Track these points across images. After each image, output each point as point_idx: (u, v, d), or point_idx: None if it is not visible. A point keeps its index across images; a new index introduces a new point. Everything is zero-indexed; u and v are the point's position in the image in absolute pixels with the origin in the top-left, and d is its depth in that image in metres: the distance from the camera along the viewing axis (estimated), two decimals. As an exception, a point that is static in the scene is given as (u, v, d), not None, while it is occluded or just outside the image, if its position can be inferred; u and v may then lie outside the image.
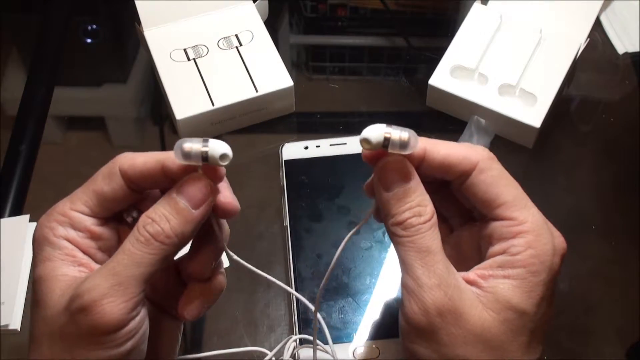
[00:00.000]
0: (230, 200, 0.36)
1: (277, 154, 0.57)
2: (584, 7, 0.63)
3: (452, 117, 0.61)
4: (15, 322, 0.49)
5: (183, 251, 0.38)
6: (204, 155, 0.34)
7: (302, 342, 0.47)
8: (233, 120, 0.59)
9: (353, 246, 0.52)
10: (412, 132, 0.34)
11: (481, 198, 0.36)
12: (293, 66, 0.69)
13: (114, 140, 0.64)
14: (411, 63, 0.68)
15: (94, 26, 0.71)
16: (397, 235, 0.35)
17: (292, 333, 0.48)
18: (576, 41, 0.61)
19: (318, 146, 0.57)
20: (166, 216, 0.34)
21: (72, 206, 0.36)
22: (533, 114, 0.57)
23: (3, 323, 0.49)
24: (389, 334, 0.48)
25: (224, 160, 0.34)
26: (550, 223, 0.36)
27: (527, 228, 0.34)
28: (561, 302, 0.51)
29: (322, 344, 0.45)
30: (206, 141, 0.34)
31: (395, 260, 0.51)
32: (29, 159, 0.60)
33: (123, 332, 0.33)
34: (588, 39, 0.63)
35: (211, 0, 0.64)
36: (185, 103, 0.57)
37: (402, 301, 0.35)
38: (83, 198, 0.36)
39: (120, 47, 0.73)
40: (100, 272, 0.34)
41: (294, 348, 0.46)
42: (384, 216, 0.36)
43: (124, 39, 0.72)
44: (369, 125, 0.34)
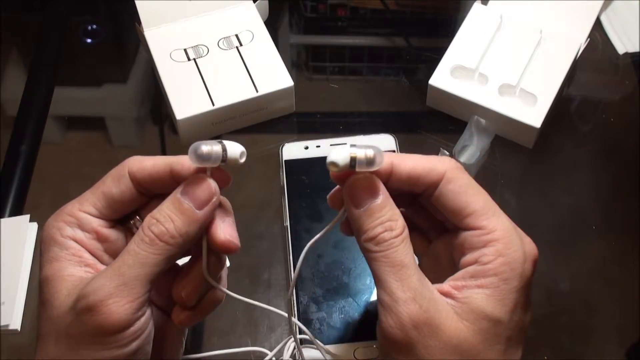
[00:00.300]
0: (229, 238, 0.36)
1: (277, 154, 0.57)
2: (584, 7, 0.63)
3: (452, 117, 0.61)
4: (15, 322, 0.49)
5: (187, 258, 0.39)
6: (224, 156, 0.34)
7: (302, 343, 0.47)
8: (233, 120, 0.59)
9: (353, 246, 0.52)
10: (377, 149, 0.35)
11: (450, 208, 0.36)
12: (293, 66, 0.69)
13: (114, 140, 0.64)
14: (411, 63, 0.68)
15: (94, 26, 0.71)
16: (370, 250, 0.35)
17: (292, 333, 0.48)
18: (576, 41, 0.61)
19: (318, 146, 0.57)
20: (170, 216, 0.34)
21: (81, 207, 0.37)
22: (533, 114, 0.57)
23: (3, 323, 0.49)
24: (389, 334, 0.48)
25: (243, 157, 0.35)
26: (520, 229, 0.36)
27: (497, 236, 0.35)
28: (561, 302, 0.51)
29: (323, 344, 0.45)
30: (221, 142, 0.34)
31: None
32: (29, 159, 0.60)
33: (128, 333, 0.33)
34: (588, 39, 0.63)
35: (211, 0, 0.64)
36: (185, 103, 0.57)
37: (379, 317, 0.35)
38: (91, 199, 0.37)
39: (120, 47, 0.73)
40: (105, 273, 0.34)
41: (294, 348, 0.46)
42: (356, 233, 0.36)
43: (124, 39, 0.72)
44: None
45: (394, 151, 0.56)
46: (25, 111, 0.64)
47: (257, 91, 0.58)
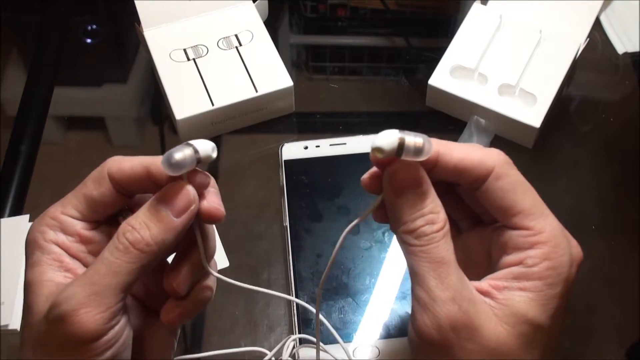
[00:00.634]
0: (215, 205, 0.35)
1: (277, 154, 0.57)
2: (584, 7, 0.63)
3: (452, 117, 0.61)
4: (15, 322, 0.49)
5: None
6: (198, 158, 0.33)
7: (302, 342, 0.47)
8: (233, 120, 0.59)
9: (353, 246, 0.52)
10: (426, 137, 0.33)
11: (497, 205, 0.34)
12: (293, 66, 0.69)
13: (114, 140, 0.64)
14: (411, 63, 0.68)
15: (94, 26, 0.71)
16: (409, 244, 0.33)
17: (292, 333, 0.48)
18: (576, 41, 0.61)
19: (318, 146, 0.57)
20: (146, 223, 0.33)
21: (63, 210, 0.36)
22: (533, 114, 0.57)
23: (3, 323, 0.49)
24: (389, 334, 0.48)
25: (214, 152, 0.34)
26: (567, 231, 0.35)
27: (544, 239, 0.33)
28: (561, 302, 0.51)
29: (322, 344, 0.45)
30: (191, 144, 0.33)
31: (395, 260, 0.51)
32: (29, 159, 0.60)
33: (101, 342, 0.33)
34: (588, 39, 0.63)
35: (211, 0, 0.64)
36: (185, 103, 0.57)
37: (413, 313, 0.33)
38: (73, 202, 0.36)
39: (120, 47, 0.73)
40: (78, 281, 0.33)
41: (294, 348, 0.46)
42: (393, 223, 0.34)
43: (124, 39, 0.72)
44: (377, 124, 0.33)
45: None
46: (25, 111, 0.64)
47: (257, 91, 0.58)
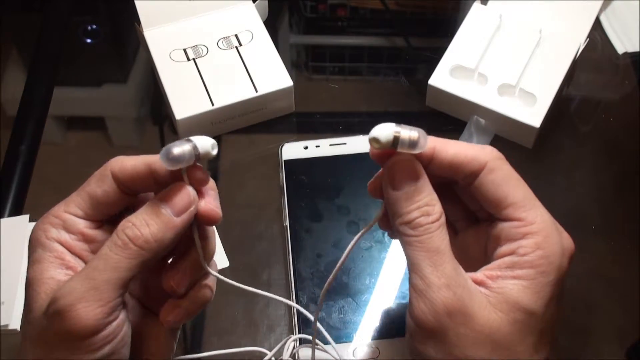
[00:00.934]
0: (212, 207, 0.36)
1: (277, 154, 0.57)
2: (584, 7, 0.63)
3: (452, 117, 0.61)
4: (15, 322, 0.49)
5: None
6: (197, 154, 0.34)
7: (302, 342, 0.47)
8: (233, 120, 0.59)
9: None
10: (422, 132, 0.34)
11: (490, 198, 0.36)
12: (293, 66, 0.69)
13: (114, 140, 0.64)
14: (411, 63, 0.68)
15: (94, 26, 0.71)
16: (406, 234, 0.35)
17: (292, 333, 0.48)
18: (576, 41, 0.61)
19: (318, 146, 0.57)
20: (147, 221, 0.34)
21: (66, 209, 0.36)
22: (533, 114, 0.57)
23: (3, 323, 0.49)
24: (389, 334, 0.48)
25: (215, 149, 0.35)
26: (558, 223, 0.36)
27: (536, 229, 0.34)
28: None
29: (322, 344, 0.45)
30: (190, 140, 0.34)
31: (395, 260, 0.51)
32: (29, 159, 0.60)
33: (99, 337, 0.33)
34: (588, 39, 0.63)
35: (211, 0, 0.64)
36: (185, 103, 0.57)
37: (410, 301, 0.34)
38: (77, 201, 0.36)
39: (120, 47, 0.73)
40: (77, 277, 0.33)
41: (294, 348, 0.46)
42: (392, 216, 0.36)
43: (124, 39, 0.72)
44: (377, 124, 0.34)
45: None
46: (25, 111, 0.64)
47: (257, 91, 0.58)
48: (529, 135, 0.58)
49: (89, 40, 0.70)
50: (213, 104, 0.57)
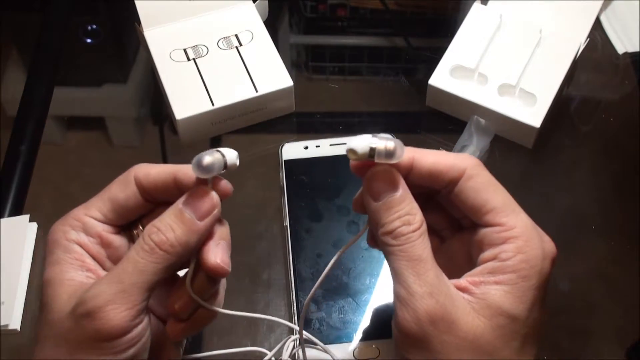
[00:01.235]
0: (219, 262, 0.36)
1: (277, 154, 0.57)
2: (584, 7, 0.63)
3: (452, 117, 0.61)
4: (15, 322, 0.49)
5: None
6: (225, 164, 0.35)
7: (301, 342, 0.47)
8: (233, 120, 0.59)
9: (353, 246, 0.51)
10: (398, 142, 0.35)
11: (470, 204, 0.36)
12: (293, 66, 0.69)
13: (114, 140, 0.64)
14: (411, 63, 0.68)
15: (94, 26, 0.71)
16: (388, 244, 0.35)
17: (292, 333, 0.48)
18: (576, 41, 0.61)
19: (318, 146, 0.57)
20: (171, 226, 0.35)
21: (87, 212, 0.37)
22: (533, 114, 0.57)
23: (3, 323, 0.49)
24: (389, 334, 0.47)
25: (237, 160, 0.37)
26: (539, 228, 0.36)
27: (517, 233, 0.35)
28: (561, 302, 0.51)
29: (323, 344, 0.45)
30: (219, 151, 0.35)
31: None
32: (29, 159, 0.60)
33: (126, 339, 0.34)
34: (588, 39, 0.63)
35: (211, 0, 0.64)
36: (185, 103, 0.57)
37: (395, 310, 0.35)
38: (97, 204, 0.37)
39: (120, 47, 0.73)
40: (105, 279, 0.34)
41: (294, 348, 0.46)
42: (374, 226, 0.36)
43: (124, 39, 0.72)
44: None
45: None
46: (25, 111, 0.64)
47: (257, 91, 0.58)
48: (529, 135, 0.58)
49: (89, 40, 0.70)
50: (213, 104, 0.57)
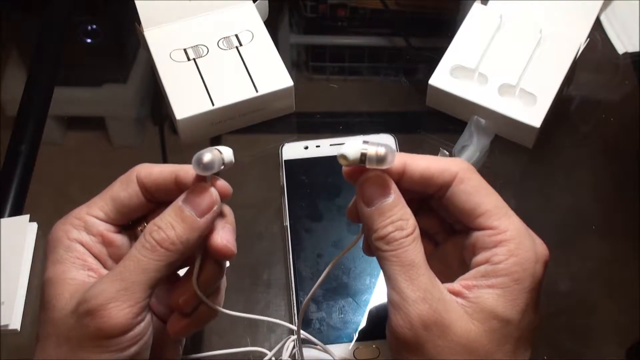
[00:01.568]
0: (225, 242, 0.37)
1: (277, 154, 0.57)
2: (584, 7, 0.63)
3: (452, 117, 0.61)
4: (15, 322, 0.49)
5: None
6: (223, 161, 0.36)
7: (302, 342, 0.47)
8: (233, 120, 0.59)
9: (353, 246, 0.51)
10: (390, 147, 0.35)
11: (462, 208, 0.36)
12: (293, 66, 0.69)
13: (114, 140, 0.64)
14: (411, 63, 0.68)
15: (94, 26, 0.71)
16: (381, 249, 0.35)
17: (292, 333, 0.48)
18: (576, 41, 0.61)
19: (318, 146, 0.57)
20: (172, 223, 0.35)
21: (89, 211, 0.37)
22: (533, 114, 0.57)
23: (3, 323, 0.49)
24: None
25: (233, 157, 0.37)
26: (531, 230, 0.36)
27: (509, 236, 0.35)
28: (561, 302, 0.51)
29: (322, 344, 0.45)
30: (217, 149, 0.36)
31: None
32: (29, 159, 0.60)
33: (128, 337, 0.34)
34: (588, 39, 0.63)
35: (211, 0, 0.64)
36: (185, 103, 0.57)
37: (389, 315, 0.35)
38: (99, 203, 0.37)
39: (120, 47, 0.73)
40: (107, 278, 0.34)
41: (293, 348, 0.46)
42: (367, 232, 0.36)
43: (124, 39, 0.72)
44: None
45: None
46: (25, 111, 0.64)
47: (257, 91, 0.58)
48: (529, 135, 0.58)
49: (89, 40, 0.70)
50: (213, 104, 0.57)
